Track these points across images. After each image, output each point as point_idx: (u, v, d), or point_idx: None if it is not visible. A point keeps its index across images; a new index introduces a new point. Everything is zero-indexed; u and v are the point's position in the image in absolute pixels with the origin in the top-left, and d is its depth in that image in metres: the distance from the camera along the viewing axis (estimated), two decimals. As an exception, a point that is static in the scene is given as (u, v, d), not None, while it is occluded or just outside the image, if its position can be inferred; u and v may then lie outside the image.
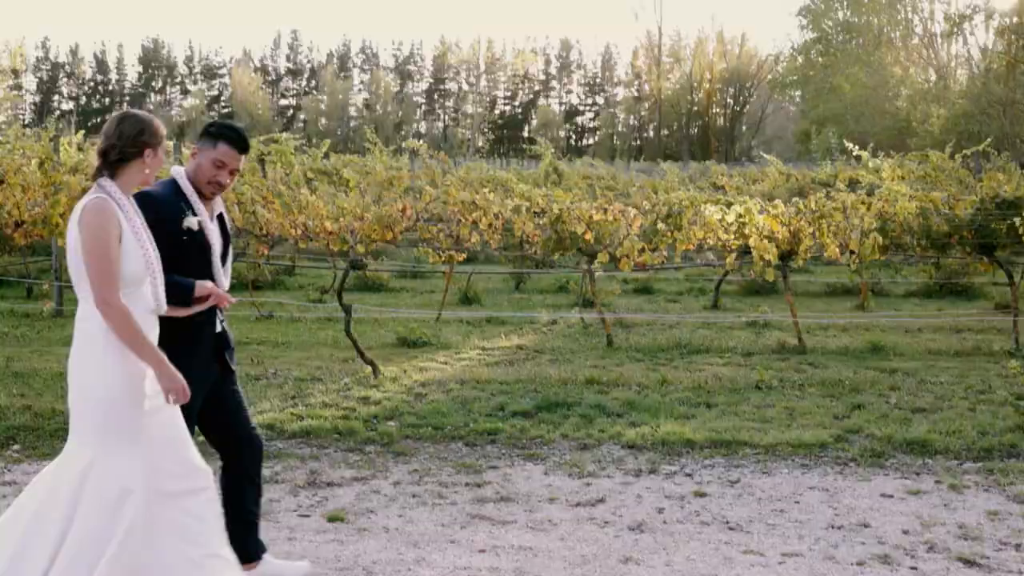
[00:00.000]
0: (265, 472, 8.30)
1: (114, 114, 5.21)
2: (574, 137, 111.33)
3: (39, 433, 9.33)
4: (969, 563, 6.52)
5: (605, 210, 13.62)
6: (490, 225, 13.06)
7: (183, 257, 5.54)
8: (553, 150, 30.46)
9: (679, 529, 7.15)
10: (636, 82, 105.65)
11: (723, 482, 8.22)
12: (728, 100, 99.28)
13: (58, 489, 5.00)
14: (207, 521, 5.23)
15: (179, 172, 5.76)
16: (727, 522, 7.30)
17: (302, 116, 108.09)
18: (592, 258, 13.94)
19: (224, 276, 5.84)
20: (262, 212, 12.22)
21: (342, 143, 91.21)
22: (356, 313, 14.35)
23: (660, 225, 13.27)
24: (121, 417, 5.01)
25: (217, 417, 5.92)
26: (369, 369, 11.86)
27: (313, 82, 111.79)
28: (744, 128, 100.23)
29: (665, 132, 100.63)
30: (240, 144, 5.78)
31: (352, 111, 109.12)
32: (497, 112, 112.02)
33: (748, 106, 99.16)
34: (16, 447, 8.96)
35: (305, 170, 21.48)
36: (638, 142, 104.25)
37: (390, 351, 13.50)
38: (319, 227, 12.20)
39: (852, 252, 13.58)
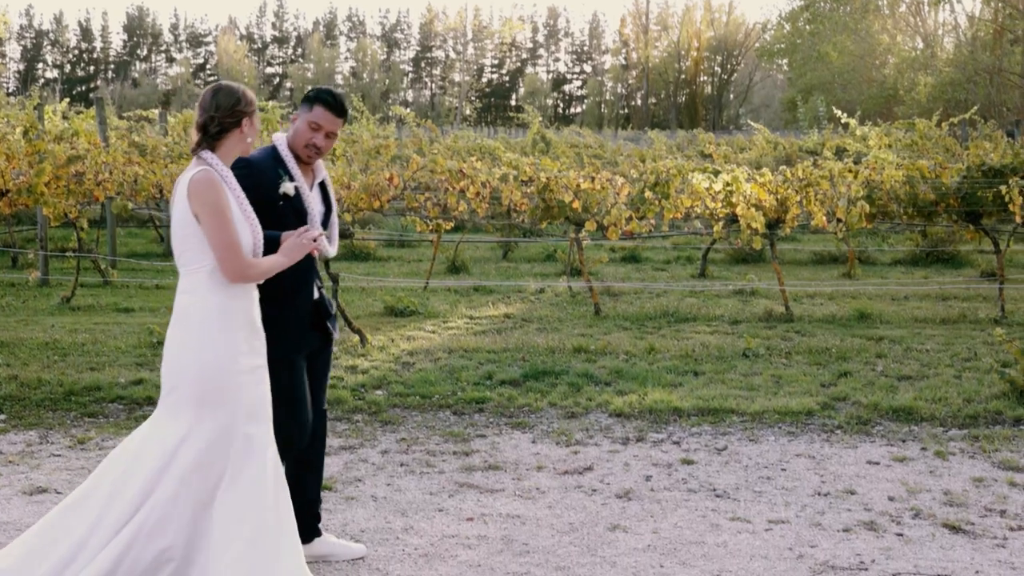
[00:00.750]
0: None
1: (207, 87, 5.19)
2: (562, 105, 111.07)
3: (25, 403, 9.33)
4: (954, 529, 6.55)
5: (593, 178, 13.60)
6: (477, 194, 13.03)
7: (280, 223, 5.51)
8: (540, 118, 30.41)
9: (666, 497, 7.18)
10: (623, 50, 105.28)
11: (710, 450, 8.25)
12: (716, 68, 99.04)
13: (144, 459, 4.99)
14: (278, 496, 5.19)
15: (279, 138, 5.75)
16: (714, 489, 7.33)
17: (288, 84, 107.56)
18: (580, 227, 13.93)
19: (331, 243, 5.80)
20: (248, 181, 12.16)
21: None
22: (343, 282, 14.36)
23: (648, 193, 13.25)
24: (218, 391, 5.00)
25: None
26: (357, 338, 11.86)
27: (299, 50, 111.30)
28: (732, 96, 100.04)
29: (653, 100, 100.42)
30: (336, 107, 5.72)
31: (339, 79, 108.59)
32: (484, 80, 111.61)
33: (736, 74, 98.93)
34: (2, 417, 8.95)
35: (291, 139, 21.35)
36: (626, 110, 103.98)
37: (378, 320, 13.50)
38: (306, 196, 12.18)
39: (839, 220, 13.59)
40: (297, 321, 5.67)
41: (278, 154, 5.67)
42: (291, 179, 5.62)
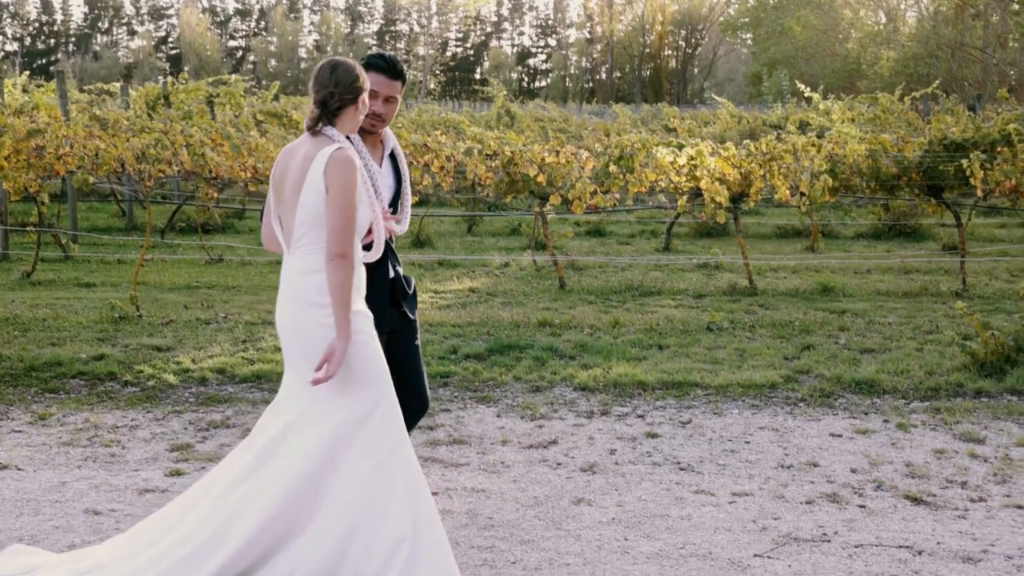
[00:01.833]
0: (215, 417, 8.30)
1: (322, 63, 5.11)
2: (526, 79, 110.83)
3: (-14, 379, 9.26)
4: (916, 501, 6.61)
5: (557, 152, 13.58)
6: (442, 168, 12.99)
7: None
8: (505, 92, 30.36)
9: (631, 470, 7.20)
10: (588, 24, 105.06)
11: (674, 423, 8.28)
12: (680, 42, 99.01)
13: (270, 438, 4.97)
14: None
15: None
16: (678, 462, 7.36)
17: (252, 58, 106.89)
18: (544, 200, 13.92)
19: (403, 216, 5.72)
20: (211, 155, 12.08)
21: (292, 85, 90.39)
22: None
23: (612, 167, 13.25)
24: (358, 370, 4.94)
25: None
26: (321, 313, 11.79)
27: (263, 23, 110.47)
28: (696, 70, 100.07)
29: (617, 74, 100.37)
30: (390, 70, 5.62)
31: (302, 53, 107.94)
32: (449, 54, 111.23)
33: (700, 48, 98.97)
34: (-37, 393, 8.88)
35: (255, 112, 21.26)
36: (590, 84, 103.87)
37: (342, 294, 13.43)
38: (269, 170, 12.09)
39: (802, 194, 13.64)
40: (374, 299, 5.51)
41: None
42: (360, 157, 5.45)
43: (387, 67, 5.61)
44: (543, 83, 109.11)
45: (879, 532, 6.10)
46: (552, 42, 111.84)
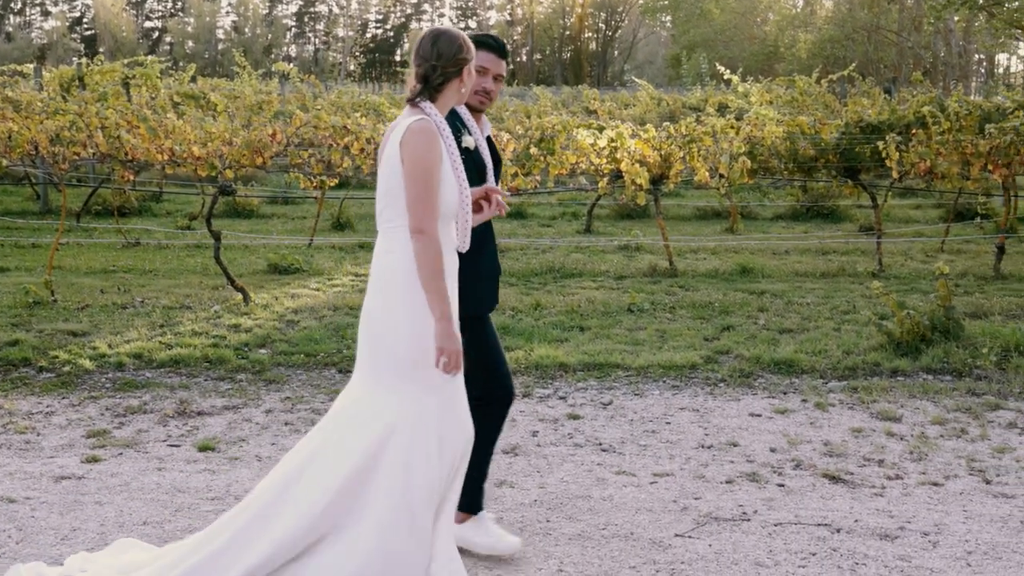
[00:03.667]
0: (132, 402, 8.19)
1: (424, 33, 4.88)
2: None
3: None
4: (834, 479, 6.68)
5: (478, 134, 13.52)
6: (362, 150, 12.87)
7: None
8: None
9: (553, 452, 7.21)
10: (509, 6, 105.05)
11: (596, 404, 8.30)
12: (600, 25, 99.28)
13: (342, 428, 4.74)
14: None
15: None
16: (600, 444, 7.38)
17: (168, 39, 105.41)
18: (465, 183, 13.86)
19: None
20: (127, 137, 11.89)
21: (210, 66, 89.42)
22: (226, 240, 14.14)
23: (533, 150, 13.23)
24: (427, 357, 4.68)
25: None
26: (240, 296, 11.71)
27: (179, 4, 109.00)
28: (616, 53, 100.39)
29: (538, 56, 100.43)
30: (498, 48, 5.54)
31: (220, 34, 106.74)
32: (369, 36, 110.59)
33: (620, 31, 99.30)
34: None
35: (171, 94, 20.94)
36: (511, 66, 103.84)
37: (261, 278, 13.34)
38: (186, 152, 11.92)
39: (721, 176, 13.73)
40: (486, 277, 5.48)
41: (453, 107, 5.37)
42: (469, 132, 5.40)
43: (496, 45, 5.55)
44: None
45: (798, 510, 6.16)
46: (472, 24, 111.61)
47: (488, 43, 5.53)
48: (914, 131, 13.68)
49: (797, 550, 5.62)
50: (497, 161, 5.63)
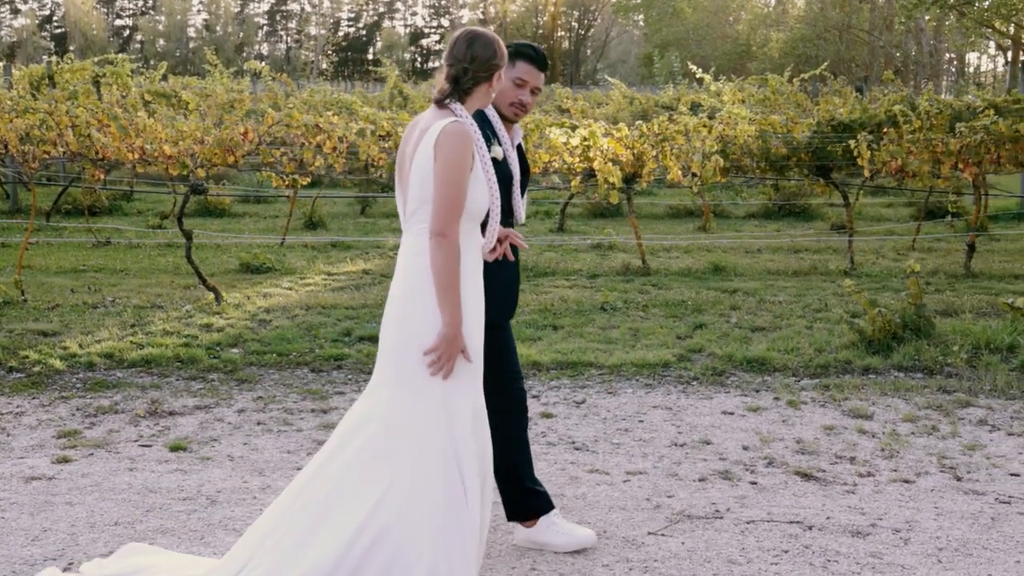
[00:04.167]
0: (103, 402, 8.14)
1: (459, 33, 4.81)
2: (419, 60, 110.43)
3: None
4: (806, 476, 6.70)
5: (450, 133, 13.50)
6: (334, 148, 12.84)
7: None
8: (398, 72, 30.14)
9: (526, 450, 7.19)
10: (481, 4, 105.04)
11: (569, 403, 8.30)
12: (573, 24, 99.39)
13: (365, 432, 4.65)
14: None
15: None
16: (573, 442, 7.38)
17: (139, 37, 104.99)
18: (438, 182, 13.84)
19: (521, 207, 5.51)
20: (97, 136, 11.82)
21: (181, 65, 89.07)
22: (197, 239, 14.09)
23: (505, 148, 13.23)
24: (463, 358, 4.65)
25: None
26: (211, 296, 11.66)
27: (150, 1, 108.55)
28: (589, 52, 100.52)
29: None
30: (539, 60, 5.49)
31: (191, 32, 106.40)
32: (341, 34, 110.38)
33: (593, 30, 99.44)
34: None
35: (143, 92, 20.85)
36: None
37: (233, 277, 13.29)
38: (157, 151, 11.86)
39: (694, 174, 13.75)
40: (508, 285, 5.45)
41: (484, 115, 5.34)
42: (499, 142, 5.33)
43: (537, 57, 5.51)
44: (436, 64, 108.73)
45: (770, 508, 6.18)
46: (445, 22, 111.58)
47: (530, 55, 5.50)
48: (885, 130, 13.74)
49: (769, 547, 5.63)
50: (525, 170, 5.60)
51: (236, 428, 7.62)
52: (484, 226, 4.92)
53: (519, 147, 5.63)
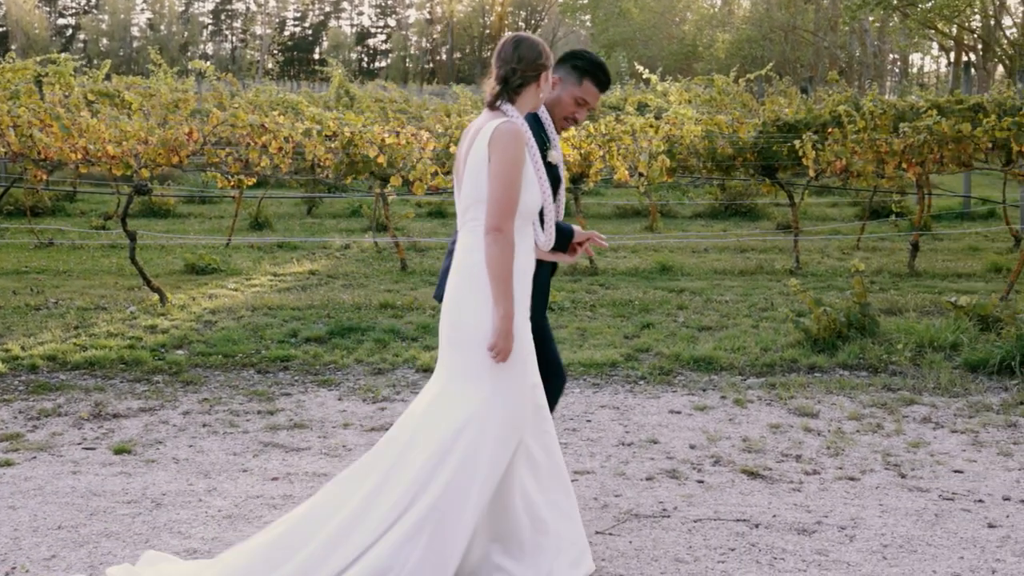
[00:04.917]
0: (46, 405, 8.05)
1: (506, 38, 4.91)
2: (366, 60, 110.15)
3: None
4: (753, 475, 6.73)
5: (398, 133, 13.49)
6: (280, 149, 12.78)
7: None
8: (344, 72, 30.03)
9: (473, 451, 7.18)
10: (428, 4, 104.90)
11: (516, 403, 8.28)
12: (520, 23, 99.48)
13: (427, 429, 4.76)
14: (554, 460, 5.05)
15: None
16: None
17: (82, 36, 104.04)
18: (385, 182, 13.82)
19: (559, 211, 5.48)
20: (40, 136, 11.69)
21: (125, 64, 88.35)
22: (141, 240, 13.97)
23: (453, 148, 13.21)
24: (515, 353, 4.75)
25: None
26: (156, 297, 11.56)
27: (93, 0, 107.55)
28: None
29: (457, 55, 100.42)
30: (606, 85, 5.51)
31: (135, 31, 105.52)
32: (287, 34, 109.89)
33: (540, 30, 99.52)
34: None
35: (85, 92, 20.63)
36: (430, 65, 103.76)
37: (178, 278, 13.19)
38: (101, 151, 11.75)
39: (641, 175, 13.80)
40: (545, 285, 5.46)
41: (539, 119, 5.35)
42: (554, 148, 5.33)
43: (605, 80, 5.53)
44: (383, 63, 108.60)
45: (717, 506, 6.20)
46: (392, 22, 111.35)
47: (599, 79, 5.52)
48: (830, 130, 13.84)
49: (716, 545, 5.65)
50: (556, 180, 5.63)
51: (181, 430, 7.55)
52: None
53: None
